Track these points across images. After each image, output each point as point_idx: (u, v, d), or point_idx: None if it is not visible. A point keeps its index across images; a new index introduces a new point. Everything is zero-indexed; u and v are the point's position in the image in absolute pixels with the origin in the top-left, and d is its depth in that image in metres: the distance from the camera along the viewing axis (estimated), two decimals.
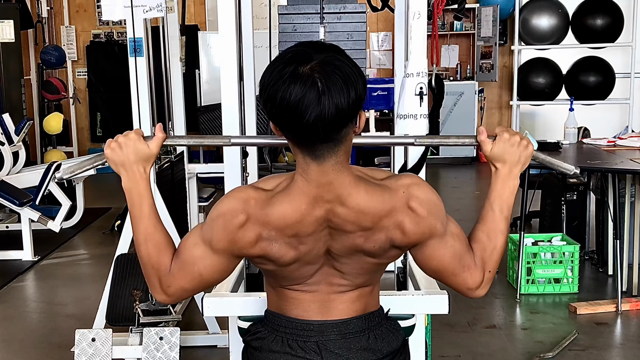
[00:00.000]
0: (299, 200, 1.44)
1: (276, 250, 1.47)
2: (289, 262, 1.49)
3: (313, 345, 1.53)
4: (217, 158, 8.28)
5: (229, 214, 1.47)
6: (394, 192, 1.47)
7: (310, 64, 1.35)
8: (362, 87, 1.38)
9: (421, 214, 1.47)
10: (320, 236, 1.48)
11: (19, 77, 7.83)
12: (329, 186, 1.43)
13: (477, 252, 1.56)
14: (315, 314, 1.55)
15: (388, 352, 1.57)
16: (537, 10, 7.48)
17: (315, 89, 1.33)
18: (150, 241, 1.54)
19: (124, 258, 3.52)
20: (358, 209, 1.44)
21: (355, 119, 1.41)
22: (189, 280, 1.53)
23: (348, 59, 1.39)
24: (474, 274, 1.55)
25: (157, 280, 1.54)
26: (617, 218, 4.29)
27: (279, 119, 1.39)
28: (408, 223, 1.47)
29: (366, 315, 1.57)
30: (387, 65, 9.32)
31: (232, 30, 2.31)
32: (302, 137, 1.39)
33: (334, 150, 1.40)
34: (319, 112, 1.33)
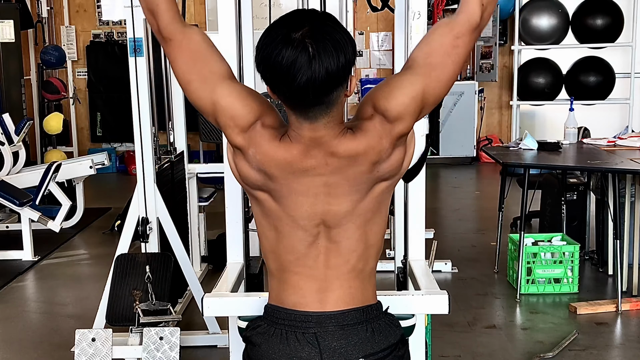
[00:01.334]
0: (293, 147, 1.50)
1: (246, 170, 1.53)
2: (254, 186, 1.54)
3: (311, 337, 1.54)
4: (217, 158, 8.28)
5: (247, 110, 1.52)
6: (368, 121, 1.51)
7: (302, 29, 1.40)
8: (352, 52, 1.44)
9: (399, 111, 1.50)
10: (309, 189, 1.51)
11: (19, 77, 7.83)
12: (320, 140, 1.49)
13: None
14: (313, 302, 1.55)
15: (386, 345, 1.58)
16: (537, 10, 7.49)
17: (306, 53, 1.39)
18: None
19: (124, 258, 3.52)
20: (349, 154, 1.49)
21: (345, 82, 1.46)
22: (181, 64, 1.56)
23: (339, 26, 1.45)
24: (464, 32, 1.54)
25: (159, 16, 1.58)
26: (617, 218, 4.29)
27: (271, 81, 1.45)
28: (399, 128, 1.51)
29: (364, 307, 1.58)
30: (387, 65, 9.31)
31: (232, 30, 2.31)
32: (294, 99, 1.45)
33: (326, 112, 1.47)
34: (309, 75, 1.39)
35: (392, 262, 2.54)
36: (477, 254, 5.29)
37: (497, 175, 7.18)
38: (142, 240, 3.51)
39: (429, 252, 2.82)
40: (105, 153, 6.45)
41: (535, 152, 4.73)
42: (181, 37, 1.57)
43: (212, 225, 5.12)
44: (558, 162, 4.60)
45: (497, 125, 9.52)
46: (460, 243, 5.52)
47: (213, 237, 5.02)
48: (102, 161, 6.29)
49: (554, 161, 4.58)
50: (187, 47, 1.56)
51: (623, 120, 7.88)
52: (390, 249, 3.41)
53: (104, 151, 6.94)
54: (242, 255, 2.35)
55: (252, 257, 2.50)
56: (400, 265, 2.44)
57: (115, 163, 8.90)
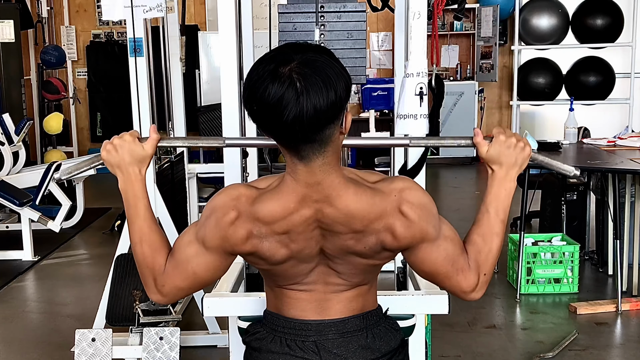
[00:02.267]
0: (287, 198, 1.45)
1: (267, 248, 1.48)
2: (281, 261, 1.50)
3: (311, 345, 1.54)
4: (217, 158, 8.28)
5: (220, 211, 1.48)
6: (385, 196, 1.47)
7: (290, 64, 1.34)
8: (344, 88, 1.37)
9: (412, 219, 1.47)
10: (311, 235, 1.48)
11: (19, 77, 7.83)
12: (317, 186, 1.43)
13: (471, 255, 1.54)
14: (312, 314, 1.55)
15: (386, 350, 1.57)
16: (537, 10, 7.48)
17: (293, 88, 1.32)
18: (146, 241, 1.56)
19: (124, 258, 3.52)
20: (347, 211, 1.44)
21: (338, 120, 1.40)
22: (183, 279, 1.54)
23: (331, 60, 1.38)
24: (468, 276, 1.53)
25: (152, 280, 1.55)
26: (617, 218, 4.29)
27: (259, 119, 1.39)
28: (399, 227, 1.46)
29: (364, 314, 1.57)
30: (387, 65, 9.32)
31: (232, 30, 2.31)
32: (283, 137, 1.40)
33: (319, 152, 1.40)
34: (297, 112, 1.32)
35: (392, 262, 2.54)
36: None
37: None
38: None
39: None
40: None
41: (535, 152, 4.72)
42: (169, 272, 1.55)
43: None
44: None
45: (496, 125, 9.52)
46: None
47: None
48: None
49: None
50: (172, 272, 1.54)
51: (623, 120, 7.87)
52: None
53: None
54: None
55: None
56: (400, 265, 2.44)
57: None
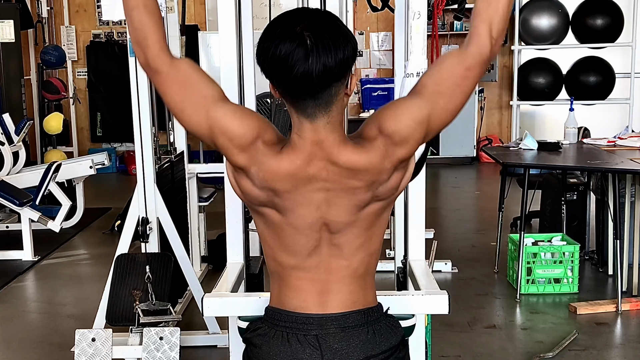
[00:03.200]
0: (296, 155, 1.49)
1: (249, 188, 1.52)
2: (259, 204, 1.53)
3: (312, 339, 1.54)
4: (217, 158, 8.28)
5: (244, 129, 1.49)
6: (373, 140, 1.51)
7: (302, 23, 1.42)
8: (352, 49, 1.44)
9: (405, 134, 1.50)
10: (310, 198, 1.50)
11: (19, 77, 7.83)
12: (320, 144, 1.48)
13: (475, 26, 1.57)
14: (314, 305, 1.56)
15: (387, 347, 1.58)
16: (537, 10, 7.49)
17: (304, 46, 1.40)
18: (143, 5, 1.56)
19: (124, 258, 3.52)
20: (349, 165, 1.49)
21: (345, 79, 1.46)
22: (172, 94, 1.54)
23: (340, 24, 1.46)
24: (475, 64, 1.55)
25: (147, 50, 1.56)
26: (617, 218, 4.29)
27: (270, 74, 1.46)
28: (402, 152, 1.51)
29: (365, 309, 1.58)
30: (387, 65, 9.31)
31: (232, 30, 2.31)
32: (292, 91, 1.46)
33: (325, 110, 1.46)
34: (306, 67, 1.40)
35: (392, 262, 2.54)
36: (477, 254, 5.29)
37: (497, 175, 7.18)
38: (142, 240, 3.51)
39: (429, 252, 2.82)
40: (105, 153, 6.45)
41: (535, 152, 4.73)
42: (169, 68, 1.55)
43: (212, 225, 5.12)
44: (558, 162, 4.60)
45: (497, 125, 9.52)
46: (460, 243, 5.52)
47: (213, 237, 5.02)
48: (102, 161, 6.29)
49: (554, 161, 4.58)
50: (176, 77, 1.54)
51: (623, 120, 7.88)
52: (390, 249, 3.42)
53: (104, 151, 6.94)
54: (242, 255, 2.35)
55: (252, 257, 2.50)
56: (400, 265, 2.44)
57: (115, 163, 8.90)
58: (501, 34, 1.59)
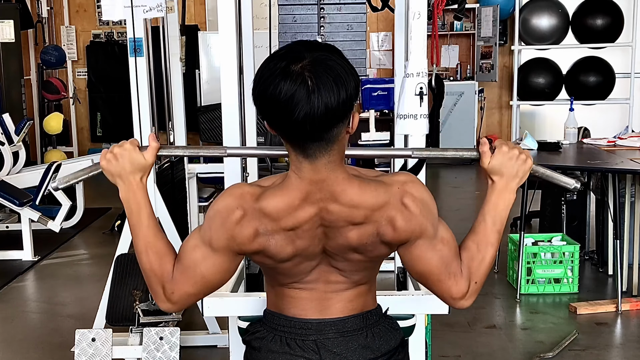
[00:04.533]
0: (292, 194, 1.45)
1: (274, 246, 1.48)
2: (287, 258, 1.49)
3: (311, 344, 1.54)
4: (217, 158, 8.28)
5: (225, 211, 1.47)
6: (388, 187, 1.48)
7: (302, 62, 1.36)
8: (354, 87, 1.38)
9: (413, 211, 1.47)
10: (315, 233, 1.48)
11: (19, 77, 7.83)
12: (321, 184, 1.44)
13: (465, 261, 1.55)
14: (313, 313, 1.55)
15: (386, 350, 1.57)
16: (537, 10, 7.48)
17: (305, 87, 1.34)
18: (151, 249, 1.55)
19: (124, 258, 3.52)
20: (351, 204, 1.45)
21: (347, 119, 1.41)
22: (192, 284, 1.52)
23: (341, 59, 1.40)
24: (459, 282, 1.53)
25: (161, 288, 1.54)
26: (617, 218, 4.29)
27: (269, 116, 1.40)
28: (400, 219, 1.47)
29: (364, 313, 1.58)
30: (387, 65, 9.31)
31: (232, 30, 2.31)
32: (292, 135, 1.40)
33: (326, 150, 1.41)
34: (308, 110, 1.34)
35: (392, 262, 2.54)
36: None
37: None
38: None
39: None
40: None
41: (535, 152, 4.73)
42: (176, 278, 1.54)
43: None
44: (558, 162, 4.60)
45: (497, 125, 9.53)
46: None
47: None
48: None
49: (554, 161, 4.57)
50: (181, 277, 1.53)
51: (623, 120, 7.87)
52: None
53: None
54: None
55: None
56: (400, 265, 2.44)
57: None
58: (479, 286, 1.56)
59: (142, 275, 1.58)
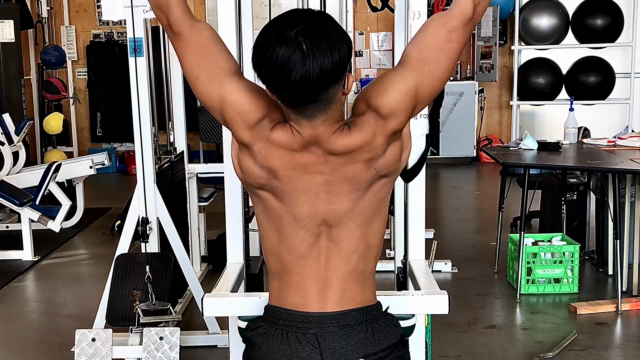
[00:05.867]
0: (294, 138, 1.50)
1: (250, 167, 1.53)
2: (257, 186, 1.54)
3: (312, 337, 1.55)
4: (217, 158, 8.28)
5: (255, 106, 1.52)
6: (362, 117, 1.52)
7: (296, 27, 1.42)
8: (347, 50, 1.44)
9: (392, 107, 1.51)
10: (311, 187, 1.52)
11: (19, 77, 7.83)
12: (318, 137, 1.50)
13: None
14: (313, 303, 1.56)
15: (386, 346, 1.58)
16: (537, 10, 7.49)
17: (300, 50, 1.40)
18: None
19: (124, 258, 3.52)
20: (346, 150, 1.50)
21: (342, 80, 1.47)
22: (189, 59, 1.57)
23: (335, 24, 1.46)
24: (458, 26, 1.55)
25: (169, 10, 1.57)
26: (617, 218, 4.29)
27: (267, 79, 1.46)
28: (392, 124, 1.52)
29: (364, 308, 1.58)
30: (387, 65, 9.31)
31: (232, 30, 2.31)
32: (290, 97, 1.46)
33: (323, 110, 1.47)
34: (303, 72, 1.40)
35: (392, 262, 2.54)
36: (477, 254, 5.29)
37: (497, 175, 7.19)
38: (142, 240, 3.51)
39: (429, 252, 2.82)
40: (105, 153, 6.46)
41: (535, 152, 4.73)
42: (190, 31, 1.57)
43: (212, 225, 5.12)
44: (558, 162, 4.60)
45: (497, 125, 9.52)
46: (460, 243, 5.52)
47: (213, 237, 5.02)
48: (102, 161, 6.29)
49: (554, 161, 4.58)
50: (197, 42, 1.57)
51: (623, 120, 7.88)
52: (390, 249, 3.42)
53: (104, 151, 6.95)
54: (242, 255, 2.35)
55: (252, 257, 2.50)
56: (400, 265, 2.44)
57: (115, 163, 8.90)
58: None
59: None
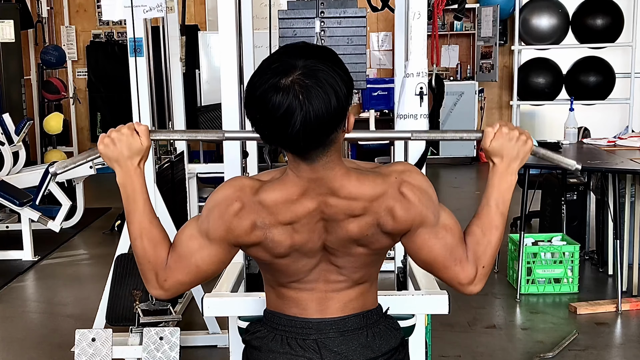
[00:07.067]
0: (291, 189, 1.46)
1: (270, 239, 1.48)
2: (285, 253, 1.50)
3: (312, 343, 1.54)
4: (217, 158, 8.28)
5: (224, 203, 1.49)
6: (386, 177, 1.49)
7: (292, 75, 1.35)
8: (346, 93, 1.38)
9: (412, 200, 1.48)
10: (314, 228, 1.49)
11: (19, 77, 7.83)
12: (320, 181, 1.46)
13: (470, 246, 1.54)
14: (313, 312, 1.55)
15: (386, 349, 1.58)
16: (537, 10, 7.48)
17: (297, 101, 1.34)
18: (146, 236, 1.55)
19: (124, 258, 3.52)
20: (350, 197, 1.46)
21: (342, 124, 1.42)
22: (186, 273, 1.54)
23: (333, 65, 1.39)
24: (466, 268, 1.53)
25: (154, 274, 1.56)
26: (617, 218, 4.29)
27: (262, 130, 1.41)
28: (399, 209, 1.47)
29: (364, 313, 1.58)
30: (387, 65, 9.31)
31: (232, 30, 2.31)
32: (289, 147, 1.42)
33: (323, 153, 1.43)
34: (301, 124, 1.34)
35: (392, 262, 2.54)
36: None
37: None
38: None
39: None
40: None
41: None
42: (170, 267, 1.55)
43: None
44: None
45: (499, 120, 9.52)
46: None
47: None
48: (102, 161, 6.28)
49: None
50: (175, 266, 1.54)
51: (623, 120, 7.87)
52: (390, 249, 3.42)
53: None
54: (242, 255, 2.35)
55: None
56: (400, 265, 2.44)
57: None
58: (487, 270, 1.56)
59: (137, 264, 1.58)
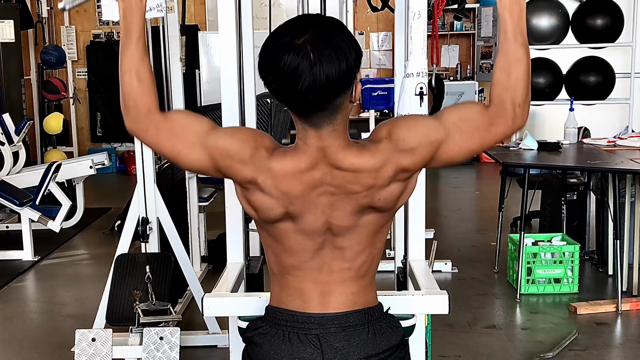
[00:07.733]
0: (300, 158, 1.50)
1: (263, 201, 1.51)
2: (275, 218, 1.52)
3: (313, 338, 1.55)
4: None
5: (245, 134, 1.55)
6: (379, 144, 1.52)
7: (304, 36, 1.42)
8: (355, 59, 1.44)
9: (412, 146, 1.51)
10: (317, 202, 1.51)
11: (19, 77, 7.83)
12: (325, 150, 1.49)
13: (497, 97, 1.55)
14: (315, 305, 1.56)
15: (387, 347, 1.58)
16: (537, 10, 7.47)
17: (307, 59, 1.40)
18: (135, 71, 1.57)
19: (124, 258, 3.52)
20: (353, 168, 1.49)
21: (349, 89, 1.47)
22: (165, 144, 1.56)
23: (343, 32, 1.45)
24: (500, 123, 1.54)
25: (135, 113, 1.56)
26: (617, 218, 4.29)
27: (274, 88, 1.46)
28: (405, 161, 1.51)
29: (366, 309, 1.59)
30: (387, 65, 9.31)
31: (232, 30, 2.31)
32: (297, 105, 1.46)
33: (330, 119, 1.47)
34: (310, 81, 1.40)
35: (392, 262, 2.54)
36: (477, 254, 5.29)
37: (497, 175, 7.18)
38: (142, 240, 3.51)
39: (429, 252, 2.82)
40: (105, 153, 6.45)
41: (535, 152, 4.73)
42: (158, 123, 1.56)
43: (212, 225, 5.12)
44: (558, 162, 4.60)
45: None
46: (460, 243, 5.52)
47: (213, 237, 5.02)
48: (102, 161, 6.29)
49: (554, 161, 4.58)
50: (165, 128, 1.55)
51: (623, 120, 7.87)
52: (390, 249, 3.42)
53: (104, 151, 6.94)
54: (242, 255, 2.35)
55: (252, 257, 2.51)
56: (400, 265, 2.44)
57: (115, 163, 8.90)
58: (526, 104, 1.58)
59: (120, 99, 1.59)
